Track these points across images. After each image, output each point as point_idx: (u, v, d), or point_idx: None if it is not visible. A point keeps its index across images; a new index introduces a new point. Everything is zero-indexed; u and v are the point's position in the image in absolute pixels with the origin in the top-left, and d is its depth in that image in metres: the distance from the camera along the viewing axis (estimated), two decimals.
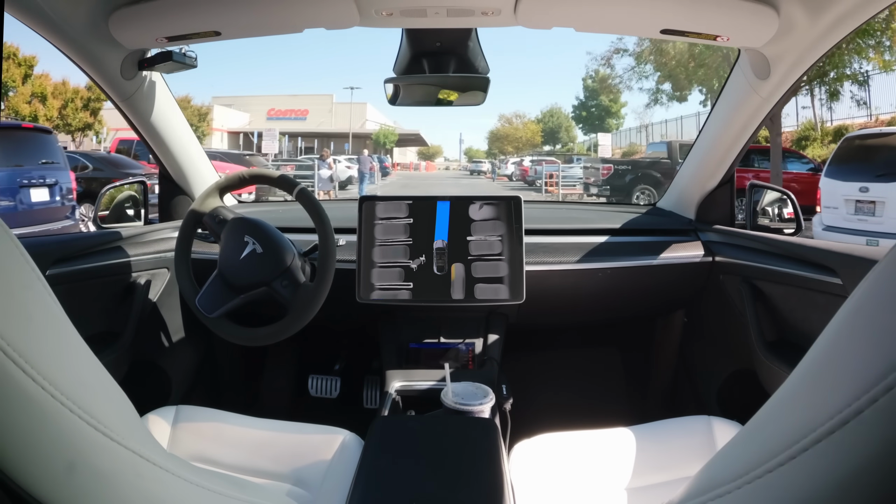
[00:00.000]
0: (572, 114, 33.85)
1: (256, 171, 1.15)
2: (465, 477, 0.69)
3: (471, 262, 1.12)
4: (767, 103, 1.09)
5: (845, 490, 0.21)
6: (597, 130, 31.54)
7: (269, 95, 33.16)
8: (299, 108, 32.63)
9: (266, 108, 31.89)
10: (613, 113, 31.66)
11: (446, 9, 0.91)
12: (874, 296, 0.24)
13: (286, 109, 32.43)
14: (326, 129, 30.97)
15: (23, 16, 0.87)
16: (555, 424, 0.98)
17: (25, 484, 0.26)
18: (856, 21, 0.86)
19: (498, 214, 1.14)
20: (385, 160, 24.39)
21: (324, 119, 32.11)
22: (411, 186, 18.79)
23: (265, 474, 0.85)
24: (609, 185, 10.59)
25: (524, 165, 21.04)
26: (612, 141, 32.92)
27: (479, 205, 1.14)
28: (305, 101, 33.09)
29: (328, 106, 32.87)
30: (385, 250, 1.13)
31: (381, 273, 1.13)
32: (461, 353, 1.18)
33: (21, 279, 0.28)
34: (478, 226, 1.14)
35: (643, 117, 30.37)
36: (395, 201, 1.16)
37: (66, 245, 1.03)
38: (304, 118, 32.34)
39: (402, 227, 1.14)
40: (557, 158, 22.99)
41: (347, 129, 30.50)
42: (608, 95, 29.97)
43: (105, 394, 0.33)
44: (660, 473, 0.86)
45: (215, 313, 1.04)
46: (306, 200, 1.07)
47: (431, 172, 39.51)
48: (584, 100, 32.59)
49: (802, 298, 1.02)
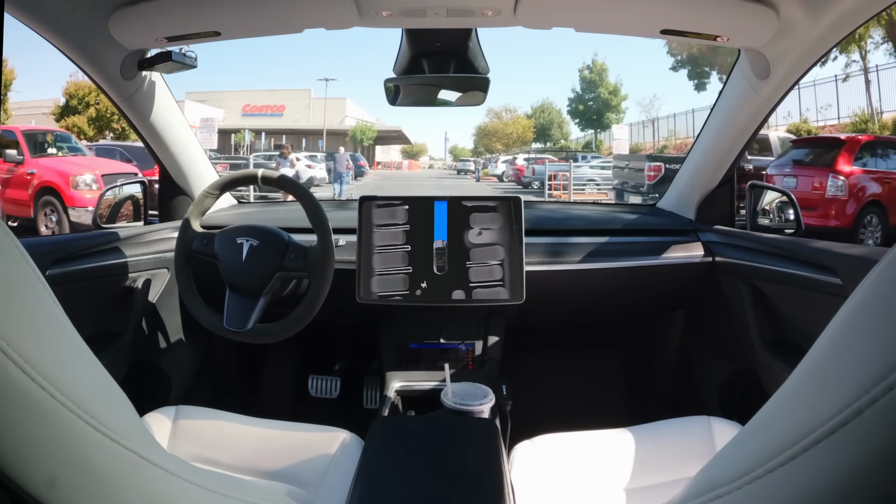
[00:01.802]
0: (567, 108, 30.89)
1: (226, 179, 1.14)
2: (465, 477, 0.69)
3: (471, 262, 1.12)
4: (768, 103, 1.09)
5: (845, 490, 0.21)
6: (595, 126, 29.67)
7: (245, 91, 32.27)
8: (275, 103, 31.58)
9: (241, 103, 30.93)
10: (613, 107, 28.94)
11: (446, 9, 0.91)
12: (874, 296, 0.24)
13: (262, 105, 31.44)
14: (304, 125, 30.00)
15: (23, 16, 0.87)
16: (555, 425, 0.98)
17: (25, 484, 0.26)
18: (856, 21, 0.86)
19: (498, 215, 1.14)
20: (360, 158, 22.11)
21: (301, 115, 31.14)
22: (385, 189, 16.63)
23: (265, 474, 0.85)
24: (659, 192, 7.65)
25: (518, 164, 18.69)
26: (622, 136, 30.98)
27: (478, 205, 1.14)
28: (282, 97, 31.93)
29: (306, 101, 31.67)
30: (385, 250, 1.13)
31: (381, 273, 1.13)
32: (461, 353, 1.18)
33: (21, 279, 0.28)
34: (478, 226, 1.14)
35: (649, 111, 28.36)
36: (394, 201, 1.15)
37: (66, 245, 1.03)
38: (280, 114, 31.29)
39: (402, 228, 1.14)
40: (554, 156, 21.13)
41: (329, 126, 29.26)
42: (607, 88, 28.35)
43: (105, 394, 0.33)
44: (660, 474, 0.85)
45: (248, 325, 1.02)
46: (271, 182, 1.09)
47: (414, 172, 37.51)
48: (580, 92, 29.74)
49: (802, 299, 1.02)
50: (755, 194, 1.30)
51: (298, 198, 1.06)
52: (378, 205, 1.15)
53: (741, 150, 1.22)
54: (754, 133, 1.18)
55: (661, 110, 32.13)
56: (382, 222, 1.14)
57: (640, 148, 21.77)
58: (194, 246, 1.08)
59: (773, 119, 1.53)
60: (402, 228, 1.14)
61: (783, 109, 14.19)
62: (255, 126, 27.32)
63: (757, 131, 1.18)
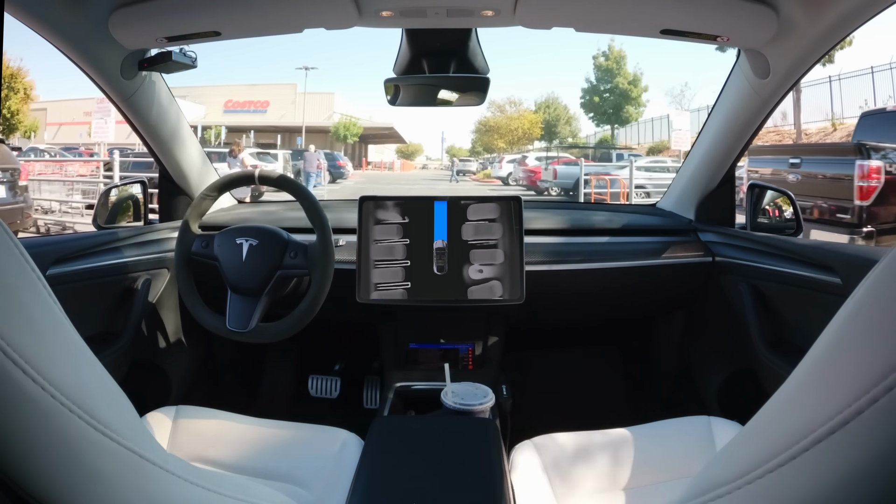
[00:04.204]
0: (581, 99, 26.17)
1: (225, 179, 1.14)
2: (465, 477, 0.69)
3: (471, 262, 1.12)
4: (768, 103, 1.09)
5: (845, 490, 0.21)
6: (612, 121, 25.40)
7: (227, 86, 30.10)
8: (259, 99, 29.68)
9: (223, 99, 29.14)
10: (633, 99, 24.72)
11: (446, 9, 0.91)
12: (874, 296, 0.24)
13: (244, 101, 29.64)
14: (289, 121, 28.17)
15: (23, 16, 0.87)
16: (555, 424, 0.98)
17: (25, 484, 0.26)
18: (856, 21, 0.86)
19: (498, 215, 1.14)
20: (338, 157, 18.74)
21: (286, 111, 29.09)
22: (366, 192, 12.51)
23: (265, 474, 0.85)
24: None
25: (530, 165, 15.12)
26: (635, 133, 25.52)
27: (478, 205, 1.14)
28: (266, 92, 29.89)
29: (291, 97, 29.32)
30: (385, 250, 1.13)
31: (381, 273, 1.13)
32: (461, 353, 1.18)
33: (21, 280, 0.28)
34: (478, 226, 1.14)
35: (680, 101, 24.75)
36: (394, 201, 1.16)
37: (66, 245, 1.03)
38: (264, 110, 29.48)
39: (401, 228, 1.14)
40: (571, 154, 17.66)
41: (314, 122, 27.54)
42: (626, 77, 24.36)
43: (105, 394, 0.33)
44: (660, 473, 0.86)
45: (251, 325, 1.02)
46: (270, 182, 1.09)
47: (407, 172, 35.03)
48: (594, 83, 25.28)
49: (802, 299, 1.02)
50: (755, 194, 1.30)
51: (297, 197, 1.06)
52: (378, 205, 1.15)
53: (741, 150, 1.22)
54: (754, 133, 1.18)
55: (692, 102, 25.93)
56: (382, 222, 1.14)
57: (665, 146, 18.47)
58: (194, 248, 1.08)
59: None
60: (402, 228, 1.14)
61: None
62: (238, 123, 25.94)
63: (757, 131, 1.18)
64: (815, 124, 15.03)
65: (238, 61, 65.25)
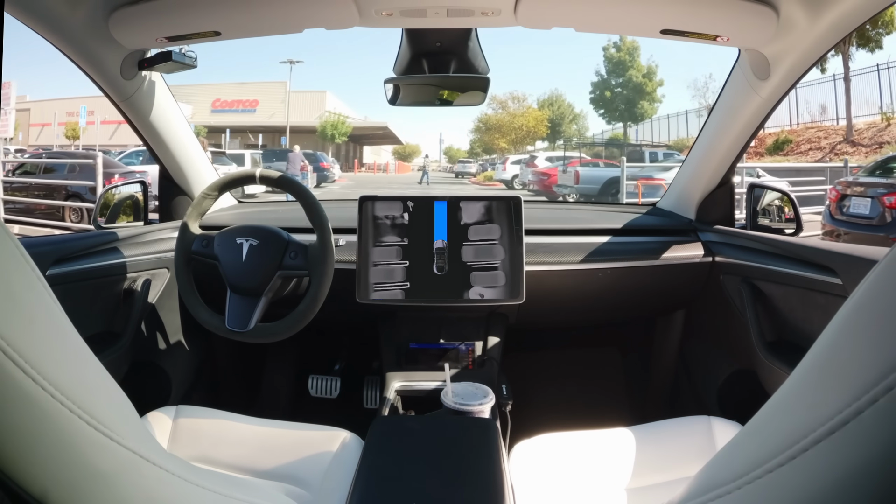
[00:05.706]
0: (591, 94, 24.54)
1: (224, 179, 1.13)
2: (465, 477, 0.69)
3: (471, 262, 1.12)
4: (768, 103, 1.09)
5: (845, 490, 0.21)
6: (624, 118, 24.04)
7: (215, 84, 29.12)
8: (248, 98, 28.94)
9: (211, 98, 28.37)
10: (648, 93, 23.35)
11: (446, 9, 0.91)
12: (874, 296, 0.24)
13: (233, 100, 28.90)
14: (279, 121, 26.75)
15: (23, 16, 0.87)
16: (555, 424, 0.99)
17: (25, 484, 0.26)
18: (856, 21, 0.86)
19: (498, 214, 1.14)
20: (322, 158, 17.38)
21: (276, 110, 27.98)
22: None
23: (265, 474, 0.85)
24: None
25: (542, 167, 13.37)
26: (650, 131, 23.32)
27: (478, 205, 1.14)
28: (255, 90, 29.05)
29: (281, 96, 28.15)
30: (385, 250, 1.13)
31: (381, 273, 1.13)
32: (461, 353, 1.18)
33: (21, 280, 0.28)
34: (478, 226, 1.14)
35: (705, 94, 21.50)
36: (394, 201, 1.16)
37: (66, 245, 1.03)
38: (253, 110, 28.66)
39: (402, 228, 1.14)
40: (586, 154, 16.23)
41: (304, 122, 26.52)
42: (640, 70, 22.96)
43: (105, 394, 0.33)
44: (660, 473, 0.86)
45: (250, 325, 1.02)
46: (270, 181, 1.09)
47: (402, 175, 33.22)
48: (605, 76, 23.86)
49: (802, 298, 1.02)
50: (755, 194, 1.30)
51: (297, 196, 1.06)
52: (378, 205, 1.15)
53: (741, 149, 1.22)
54: (754, 133, 1.18)
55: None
56: (382, 222, 1.14)
57: (685, 144, 17.09)
58: (194, 248, 1.08)
59: None
60: (402, 228, 1.14)
61: None
62: (226, 123, 25.17)
63: (757, 131, 1.18)
64: (862, 119, 13.74)
65: (227, 58, 60.69)
